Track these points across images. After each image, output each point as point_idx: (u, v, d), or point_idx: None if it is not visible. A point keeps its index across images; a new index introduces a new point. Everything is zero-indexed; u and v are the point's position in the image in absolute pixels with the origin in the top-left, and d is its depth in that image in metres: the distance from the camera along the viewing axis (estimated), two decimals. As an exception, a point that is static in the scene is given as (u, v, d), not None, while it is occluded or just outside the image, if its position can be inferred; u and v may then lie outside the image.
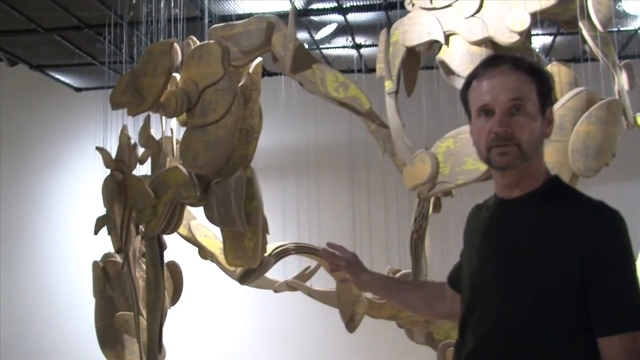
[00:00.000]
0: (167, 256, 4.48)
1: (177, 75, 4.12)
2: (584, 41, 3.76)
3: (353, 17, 6.98)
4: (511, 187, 2.03)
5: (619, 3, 6.40)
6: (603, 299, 1.78)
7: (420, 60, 4.31)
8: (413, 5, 4.01)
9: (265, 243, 4.12)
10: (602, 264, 1.79)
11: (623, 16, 6.75)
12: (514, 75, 1.98)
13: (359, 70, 7.46)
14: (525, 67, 2.00)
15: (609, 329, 1.77)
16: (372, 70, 4.77)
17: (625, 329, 1.76)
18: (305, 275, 5.08)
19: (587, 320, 1.82)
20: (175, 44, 4.10)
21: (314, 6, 6.77)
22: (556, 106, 3.46)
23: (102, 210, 4.57)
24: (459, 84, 2.65)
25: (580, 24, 3.66)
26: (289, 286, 5.03)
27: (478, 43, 3.75)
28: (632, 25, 7.03)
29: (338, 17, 6.99)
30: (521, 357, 1.90)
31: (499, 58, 2.07)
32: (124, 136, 4.56)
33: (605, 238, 1.81)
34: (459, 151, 3.53)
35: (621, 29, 6.97)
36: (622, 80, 3.84)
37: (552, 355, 1.86)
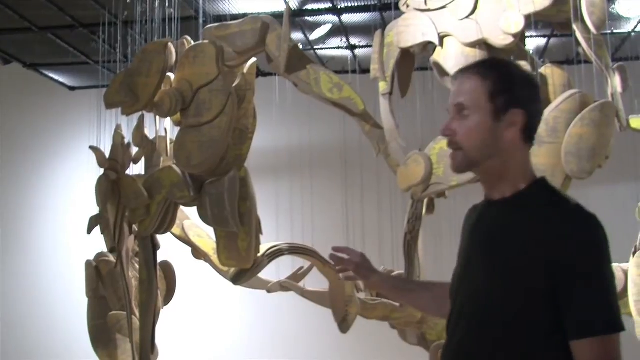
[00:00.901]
0: (161, 256, 4.48)
1: (172, 75, 4.12)
2: (578, 43, 3.77)
3: (348, 18, 6.99)
4: (490, 190, 2.04)
5: (613, 5, 6.42)
6: (574, 302, 1.78)
7: (415, 62, 4.32)
8: (408, 6, 4.02)
9: (258, 243, 4.13)
10: (573, 268, 1.78)
11: (616, 18, 6.77)
12: (469, 80, 2.00)
13: (353, 71, 7.47)
14: (481, 69, 2.01)
15: (579, 333, 1.77)
16: (367, 71, 4.78)
17: (595, 332, 1.76)
18: (298, 275, 5.08)
19: (560, 322, 1.82)
20: (170, 44, 4.10)
21: (309, 7, 6.78)
22: (549, 108, 3.48)
23: (96, 210, 4.57)
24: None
25: (574, 26, 3.67)
26: (282, 286, 5.03)
27: (472, 45, 3.76)
28: (625, 28, 7.05)
29: (333, 18, 7.00)
30: (493, 356, 1.91)
31: (475, 63, 2.10)
32: (117, 135, 4.56)
33: (576, 243, 1.80)
34: (453, 152, 3.53)
35: (614, 31, 6.99)
36: (615, 82, 3.85)
37: (523, 357, 1.87)
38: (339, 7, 6.71)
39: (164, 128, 4.51)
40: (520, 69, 2.10)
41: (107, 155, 4.53)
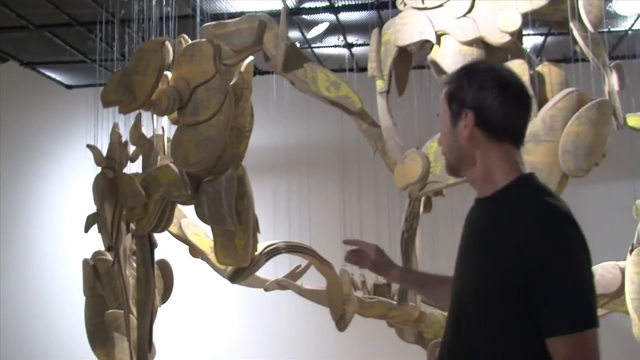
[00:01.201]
0: (158, 254, 4.48)
1: (169, 74, 4.12)
2: (575, 42, 3.77)
3: (345, 16, 6.99)
4: (477, 190, 2.08)
5: (610, 4, 6.42)
6: (546, 301, 1.79)
7: (412, 60, 4.32)
8: (405, 5, 4.02)
9: (256, 242, 4.13)
10: (544, 267, 1.79)
11: (613, 17, 6.77)
12: (444, 89, 2.09)
13: (351, 70, 7.47)
14: (448, 78, 2.07)
15: (553, 331, 1.79)
16: (364, 69, 4.77)
17: (567, 330, 1.77)
18: (295, 274, 5.09)
19: (536, 321, 1.83)
20: (167, 42, 4.10)
21: (306, 5, 6.77)
22: (546, 106, 3.48)
23: (93, 208, 4.57)
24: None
25: (571, 25, 3.68)
26: (280, 285, 5.03)
27: (469, 43, 3.77)
28: (622, 26, 7.05)
29: (330, 16, 7.00)
30: (473, 354, 1.94)
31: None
32: (115, 134, 4.55)
33: (546, 243, 1.80)
34: (450, 151, 3.54)
35: (612, 29, 6.99)
36: (612, 80, 3.86)
37: (501, 355, 1.88)
38: (336, 5, 6.71)
39: (161, 126, 4.51)
40: (482, 66, 2.10)
41: (105, 153, 4.52)
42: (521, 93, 2.01)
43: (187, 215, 4.91)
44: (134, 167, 4.54)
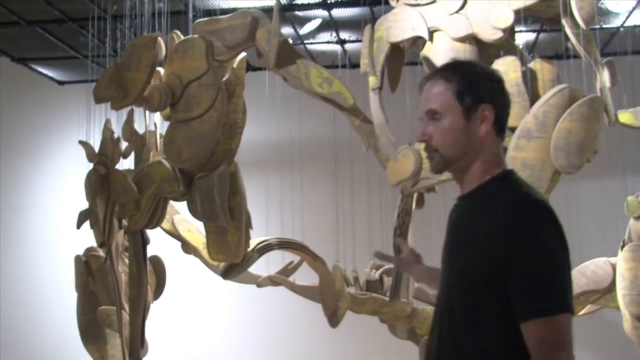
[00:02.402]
0: (150, 251, 4.47)
1: (161, 70, 4.11)
2: (567, 38, 3.78)
3: (337, 12, 6.99)
4: (460, 185, 2.13)
5: (602, 1, 6.44)
6: (518, 286, 1.84)
7: (404, 57, 4.32)
8: (397, 1, 4.02)
9: (248, 238, 4.13)
10: (515, 253, 1.84)
11: (605, 14, 6.79)
12: (435, 85, 2.09)
13: (343, 66, 7.47)
14: (445, 74, 2.09)
15: (525, 315, 1.83)
16: (357, 65, 4.78)
17: (534, 314, 1.81)
18: (288, 270, 5.09)
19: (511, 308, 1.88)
20: (159, 38, 4.09)
21: (299, 1, 6.77)
22: (539, 103, 3.49)
23: (85, 205, 4.56)
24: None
25: (563, 21, 3.69)
26: (272, 281, 5.03)
27: (462, 40, 3.77)
28: (614, 23, 7.07)
29: (322, 13, 7.00)
30: (458, 346, 1.99)
31: (435, 71, 2.17)
32: (107, 130, 4.54)
33: (517, 229, 1.85)
34: (442, 147, 3.54)
35: (603, 26, 7.01)
36: (604, 77, 3.87)
37: (481, 342, 1.93)
38: (328, 1, 6.71)
39: (153, 123, 4.50)
40: (482, 66, 2.19)
41: (97, 149, 4.51)
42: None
43: (179, 211, 4.91)
44: (126, 164, 4.53)
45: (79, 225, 4.61)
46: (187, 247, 4.88)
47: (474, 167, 2.07)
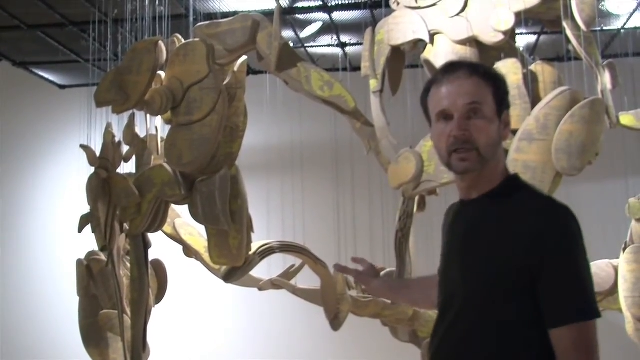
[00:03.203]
0: (152, 254, 4.47)
1: (162, 73, 4.11)
2: (568, 40, 3.78)
3: (338, 15, 6.99)
4: (470, 190, 2.09)
5: (602, 3, 6.43)
6: (551, 292, 1.83)
7: (405, 59, 4.32)
8: (398, 4, 4.02)
9: (249, 241, 4.13)
10: (548, 259, 1.83)
11: (606, 16, 6.78)
12: (470, 80, 2.02)
13: (344, 69, 7.46)
14: (481, 72, 2.06)
15: (556, 321, 1.83)
16: (357, 69, 4.78)
17: (570, 320, 1.81)
18: (290, 273, 5.09)
19: (539, 313, 1.87)
20: (160, 42, 4.09)
21: (299, 4, 6.77)
22: (540, 105, 3.49)
23: (86, 208, 4.56)
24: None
25: (564, 24, 3.68)
26: (274, 284, 5.03)
27: (463, 42, 3.77)
28: (615, 25, 7.07)
29: (323, 16, 7.00)
30: (476, 350, 1.96)
31: (456, 64, 2.12)
32: (108, 134, 4.54)
33: (550, 235, 1.84)
34: (444, 150, 3.54)
35: (604, 28, 7.01)
36: (605, 79, 3.87)
37: (505, 348, 1.91)
38: (329, 4, 6.71)
39: (154, 126, 4.50)
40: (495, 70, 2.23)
41: (98, 153, 4.51)
42: None
43: (180, 215, 4.91)
44: (127, 167, 4.53)
45: (80, 229, 4.61)
46: (189, 251, 4.88)
47: (490, 170, 2.04)
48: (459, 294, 2.02)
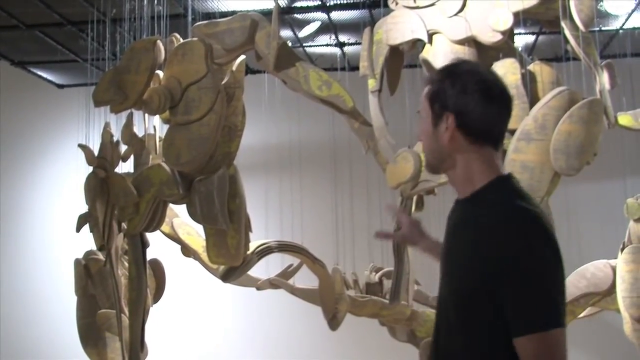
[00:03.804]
0: (150, 254, 4.47)
1: (160, 73, 4.11)
2: (566, 41, 3.78)
3: (337, 15, 6.98)
4: (457, 190, 2.11)
5: (601, 3, 6.44)
6: (511, 302, 1.82)
7: (404, 59, 4.32)
8: (396, 4, 4.02)
9: (248, 241, 4.12)
10: (508, 269, 1.81)
11: (604, 16, 6.78)
12: (425, 88, 2.09)
13: (342, 69, 7.46)
14: (430, 78, 2.09)
15: (516, 331, 1.81)
16: (356, 68, 4.78)
17: (529, 330, 1.79)
18: (288, 273, 5.09)
19: (505, 321, 1.86)
20: (159, 42, 4.09)
21: (298, 4, 6.77)
22: (538, 105, 3.49)
23: (85, 208, 4.56)
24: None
25: (563, 24, 3.69)
26: (272, 284, 5.03)
27: (461, 42, 3.77)
28: (613, 25, 7.07)
29: (322, 15, 6.99)
30: (450, 353, 2.00)
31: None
32: (106, 133, 4.54)
33: (510, 244, 1.83)
34: (442, 150, 3.54)
35: (603, 28, 7.01)
36: (604, 79, 3.87)
37: (473, 355, 1.92)
38: (328, 4, 6.70)
39: (152, 126, 4.50)
40: (465, 67, 2.08)
41: (96, 153, 4.51)
42: (503, 96, 2.02)
43: (179, 214, 4.91)
44: (125, 167, 4.53)
45: (78, 229, 4.60)
46: (187, 250, 4.88)
47: (455, 174, 2.06)
48: (443, 294, 2.06)
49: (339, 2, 6.70)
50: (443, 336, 2.04)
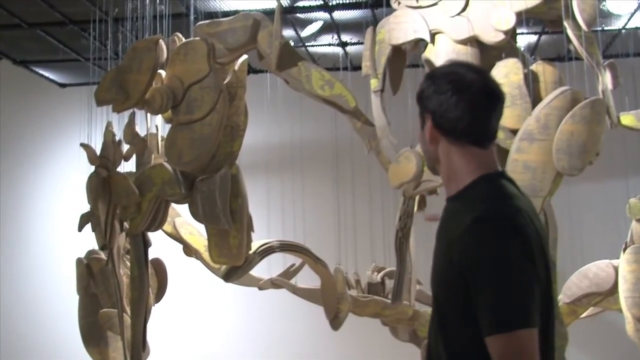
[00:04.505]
0: (152, 253, 4.47)
1: (163, 72, 4.11)
2: (569, 40, 3.78)
3: (339, 14, 6.98)
4: (445, 189, 2.15)
5: (603, 3, 6.43)
6: (480, 303, 1.83)
7: (406, 59, 4.32)
8: (399, 3, 4.01)
9: (250, 240, 4.13)
10: (476, 268, 1.84)
11: (607, 16, 6.78)
12: None
13: (345, 68, 7.45)
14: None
15: (487, 330, 1.82)
16: (358, 68, 4.77)
17: (494, 330, 1.80)
18: (289, 273, 5.09)
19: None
20: (161, 41, 4.09)
21: (300, 3, 6.77)
22: (541, 105, 3.48)
23: (87, 207, 4.56)
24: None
25: (565, 23, 3.68)
26: (274, 284, 5.03)
27: (463, 42, 3.76)
28: (615, 25, 7.06)
29: (324, 15, 6.99)
30: (437, 354, 2.02)
31: None
32: (108, 133, 4.54)
33: (476, 249, 1.85)
34: (444, 149, 3.53)
35: (605, 28, 7.00)
36: (606, 79, 3.86)
37: (453, 352, 1.95)
38: (330, 4, 6.70)
39: (155, 125, 4.50)
40: (441, 70, 2.16)
41: (98, 152, 4.51)
42: (482, 94, 2.03)
43: (181, 214, 4.91)
44: (127, 166, 4.53)
45: (80, 228, 4.61)
46: (189, 250, 4.88)
47: (442, 173, 2.11)
48: (432, 292, 2.10)
49: (341, 2, 6.70)
50: (432, 337, 2.08)
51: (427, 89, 2.08)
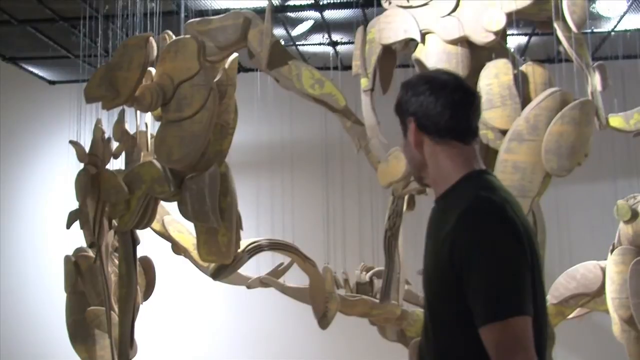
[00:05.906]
0: (140, 251, 4.46)
1: (153, 70, 4.10)
2: (559, 42, 3.79)
3: (330, 14, 6.98)
4: (435, 191, 2.18)
5: (593, 5, 6.46)
6: (472, 293, 1.86)
7: (396, 59, 4.32)
8: (390, 3, 4.02)
9: (238, 239, 4.12)
10: (466, 261, 1.86)
11: (596, 18, 6.81)
12: None
13: (335, 68, 7.47)
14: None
15: (481, 320, 1.84)
16: (348, 67, 4.78)
17: (488, 319, 1.82)
18: (278, 271, 5.08)
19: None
20: (151, 38, 4.08)
21: (291, 2, 6.77)
22: (530, 106, 3.49)
23: (75, 205, 4.54)
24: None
25: (555, 25, 3.70)
26: (262, 282, 5.02)
27: (454, 42, 3.77)
28: (605, 27, 7.09)
29: (315, 14, 6.99)
30: (428, 346, 2.06)
31: None
32: (98, 130, 4.53)
33: (468, 238, 1.88)
34: (434, 149, 3.54)
35: (595, 30, 7.03)
36: (595, 81, 3.88)
37: (447, 347, 1.98)
38: (321, 3, 6.70)
39: (144, 123, 4.49)
40: (416, 75, 2.25)
41: (87, 149, 4.50)
42: (459, 92, 2.09)
43: (169, 212, 4.90)
44: (117, 164, 4.52)
45: (68, 225, 4.59)
46: (177, 248, 4.87)
47: (431, 175, 2.14)
48: (424, 290, 2.12)
49: (332, 1, 6.70)
50: (423, 336, 2.10)
51: (405, 95, 2.15)
